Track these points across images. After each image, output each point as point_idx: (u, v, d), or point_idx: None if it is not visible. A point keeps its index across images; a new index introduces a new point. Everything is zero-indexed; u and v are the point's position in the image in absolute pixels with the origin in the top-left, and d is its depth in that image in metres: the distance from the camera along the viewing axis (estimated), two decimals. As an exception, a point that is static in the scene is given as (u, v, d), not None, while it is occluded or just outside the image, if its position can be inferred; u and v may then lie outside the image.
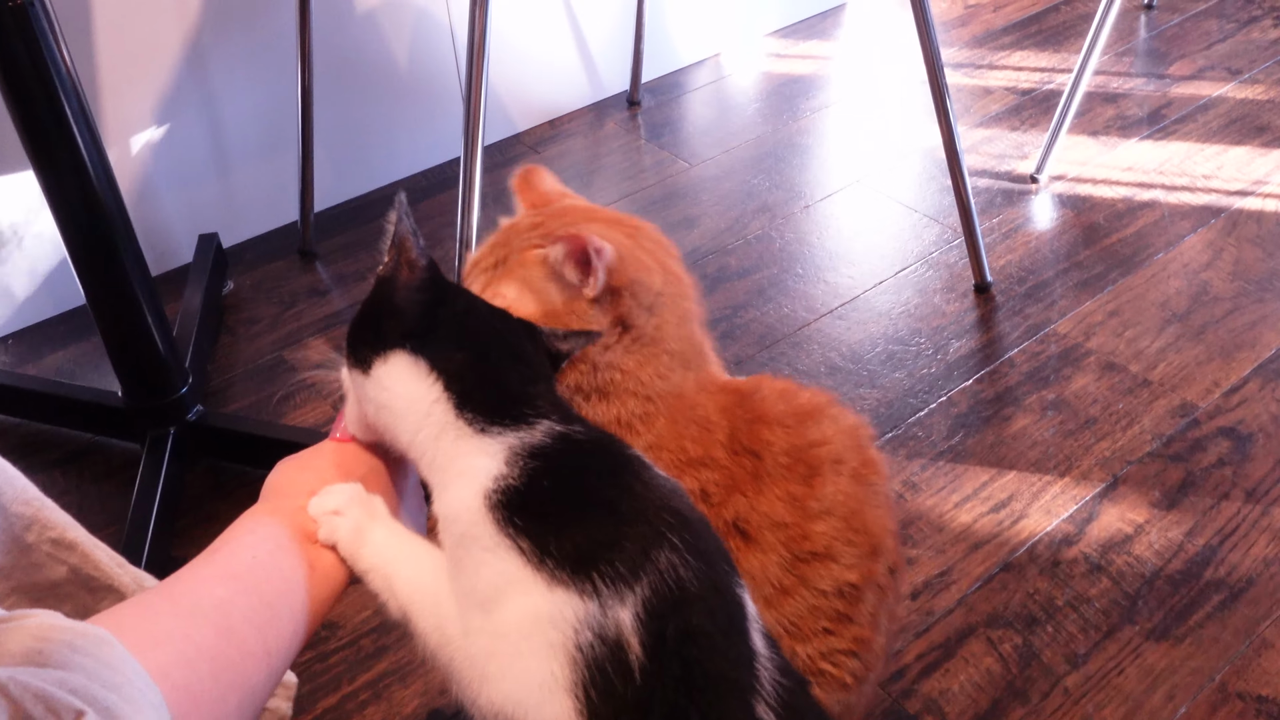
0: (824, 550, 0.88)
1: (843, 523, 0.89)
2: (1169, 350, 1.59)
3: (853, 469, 0.91)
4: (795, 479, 0.89)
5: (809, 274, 1.77)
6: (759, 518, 0.88)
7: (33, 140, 1.19)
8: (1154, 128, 2.08)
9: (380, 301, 0.73)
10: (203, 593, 0.64)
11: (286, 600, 0.68)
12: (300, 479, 0.77)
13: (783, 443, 0.90)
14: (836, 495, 0.89)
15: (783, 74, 2.31)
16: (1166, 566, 1.30)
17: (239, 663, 0.62)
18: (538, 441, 0.67)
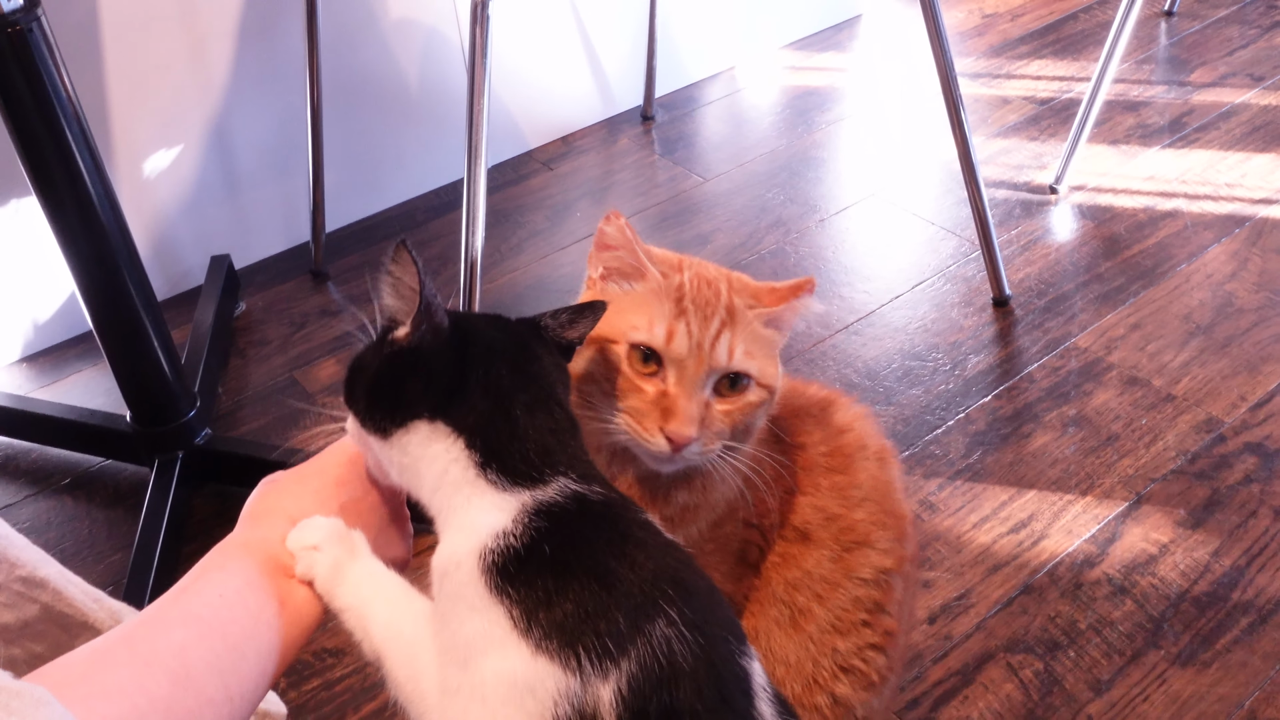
0: (864, 538, 0.88)
1: (877, 507, 0.89)
2: (1193, 364, 1.55)
3: (875, 454, 0.91)
4: (836, 469, 0.89)
5: (824, 289, 1.74)
6: (818, 515, 0.88)
7: (34, 168, 1.19)
8: (1175, 136, 2.04)
9: (401, 370, 0.69)
10: (161, 639, 0.62)
11: (253, 641, 0.65)
12: (280, 505, 0.74)
13: (819, 434, 0.90)
14: (870, 481, 0.89)
15: (797, 87, 2.28)
16: (1193, 588, 1.26)
17: (196, 711, 0.60)
18: (549, 500, 0.65)
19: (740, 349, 0.78)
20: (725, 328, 0.78)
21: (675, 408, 0.76)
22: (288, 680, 1.22)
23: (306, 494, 0.75)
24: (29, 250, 1.66)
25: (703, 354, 0.77)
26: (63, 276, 1.28)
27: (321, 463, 0.79)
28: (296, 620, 0.69)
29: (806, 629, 0.88)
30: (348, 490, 0.77)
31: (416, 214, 1.99)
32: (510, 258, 1.86)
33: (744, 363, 0.78)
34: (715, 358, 0.77)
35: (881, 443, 0.93)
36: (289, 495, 0.75)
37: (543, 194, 2.02)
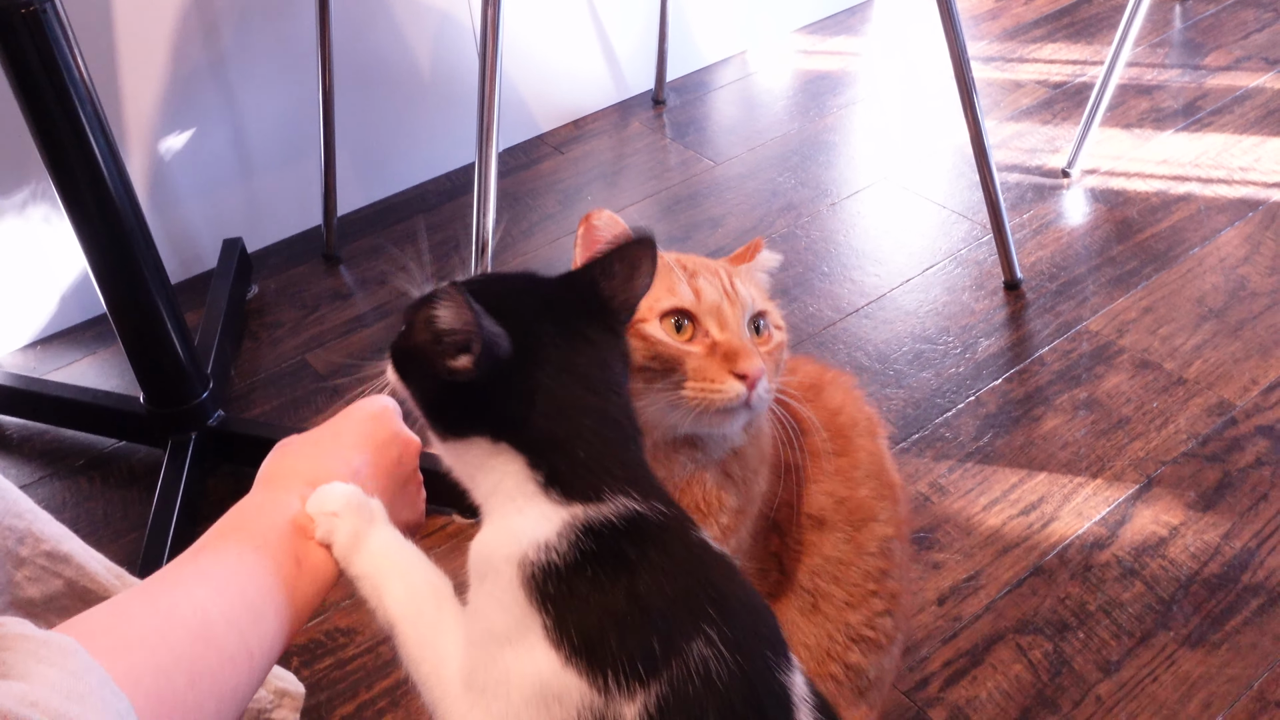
0: (870, 513, 0.89)
1: (876, 481, 0.91)
2: (1205, 347, 1.55)
3: (866, 429, 0.92)
4: (838, 451, 0.90)
5: (835, 272, 1.74)
6: (830, 501, 0.89)
7: (49, 150, 1.19)
8: (1189, 120, 2.03)
9: (462, 396, 0.66)
10: (181, 595, 0.62)
11: (271, 600, 0.66)
12: (296, 468, 0.75)
13: (818, 418, 0.90)
14: (867, 458, 0.91)
15: (809, 71, 2.28)
16: (1203, 570, 1.26)
17: (218, 668, 0.60)
18: (601, 518, 0.63)
19: (754, 291, 0.81)
20: (733, 278, 0.80)
21: (735, 348, 0.76)
22: (300, 659, 1.24)
23: (322, 458, 0.76)
24: (44, 233, 1.67)
25: (732, 297, 0.78)
26: (76, 259, 1.29)
27: (337, 426, 0.79)
28: (313, 580, 0.70)
29: (825, 610, 0.89)
30: (363, 455, 0.77)
31: (428, 197, 1.99)
32: (521, 241, 1.87)
33: (763, 303, 0.81)
34: (743, 299, 0.79)
35: (869, 414, 0.94)
36: (305, 459, 0.76)
37: (554, 178, 2.02)
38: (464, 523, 1.38)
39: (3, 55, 1.13)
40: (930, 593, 1.26)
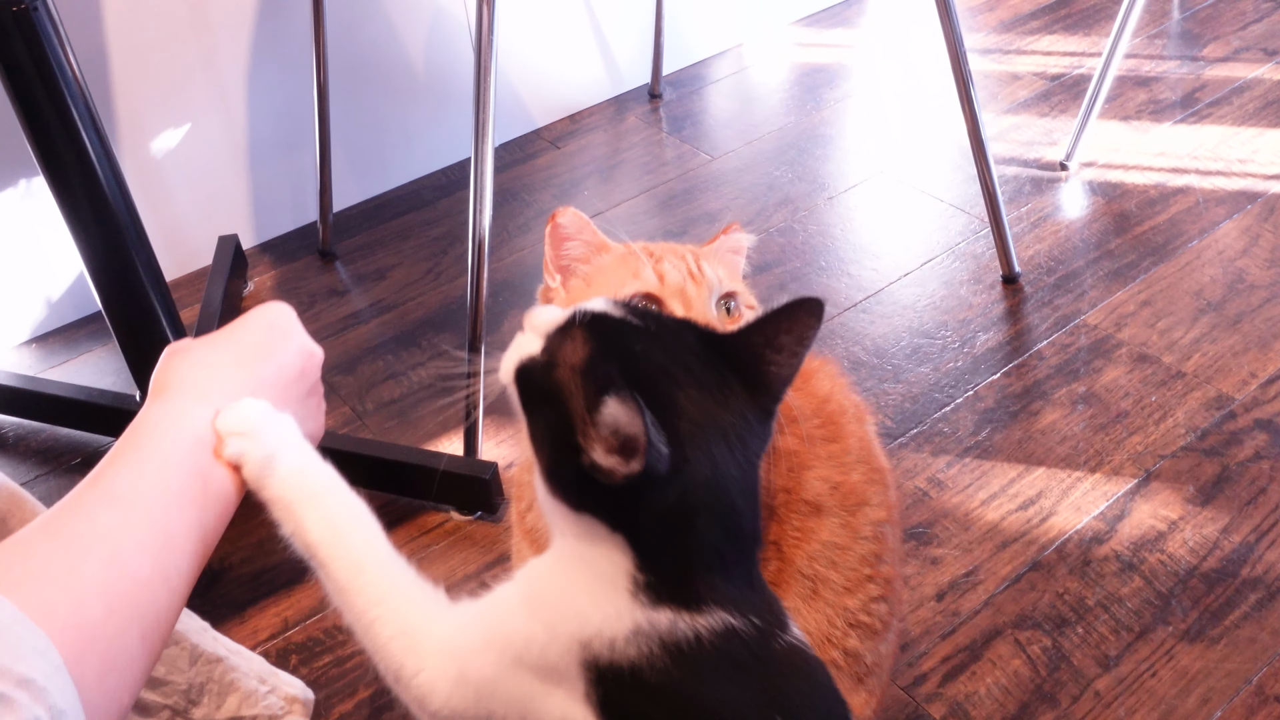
0: (863, 498, 0.90)
1: (867, 466, 0.91)
2: (1203, 341, 1.55)
3: (854, 415, 0.93)
4: (830, 437, 0.91)
5: (832, 267, 1.74)
6: (825, 485, 0.89)
7: (41, 148, 1.18)
8: (1187, 111, 2.03)
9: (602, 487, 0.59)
10: (85, 523, 0.59)
11: (180, 520, 0.63)
12: (191, 377, 0.70)
13: (807, 406, 0.91)
14: (857, 443, 0.91)
15: (805, 64, 2.27)
16: (1201, 565, 1.26)
17: (134, 594, 0.58)
18: (690, 631, 0.59)
19: (722, 272, 0.81)
20: (700, 260, 0.81)
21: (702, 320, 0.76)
22: (299, 657, 1.23)
23: (221, 365, 0.71)
24: (37, 231, 1.67)
25: (697, 278, 0.79)
26: (71, 257, 1.29)
27: (234, 334, 0.74)
28: (219, 499, 0.66)
29: (824, 595, 0.89)
30: (266, 361, 0.73)
31: (424, 193, 1.98)
32: (518, 236, 1.86)
33: (730, 284, 0.81)
34: (709, 280, 0.79)
35: (857, 401, 0.95)
36: (202, 366, 0.70)
37: (550, 173, 2.01)
38: (461, 520, 1.37)
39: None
40: (929, 588, 1.26)
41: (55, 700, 0.48)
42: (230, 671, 1.02)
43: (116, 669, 0.56)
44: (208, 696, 0.99)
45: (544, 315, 0.66)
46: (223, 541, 1.35)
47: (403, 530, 1.37)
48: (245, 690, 1.02)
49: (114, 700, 0.55)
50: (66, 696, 0.50)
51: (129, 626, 0.57)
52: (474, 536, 1.36)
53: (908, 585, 1.25)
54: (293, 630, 1.26)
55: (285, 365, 0.74)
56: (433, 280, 1.78)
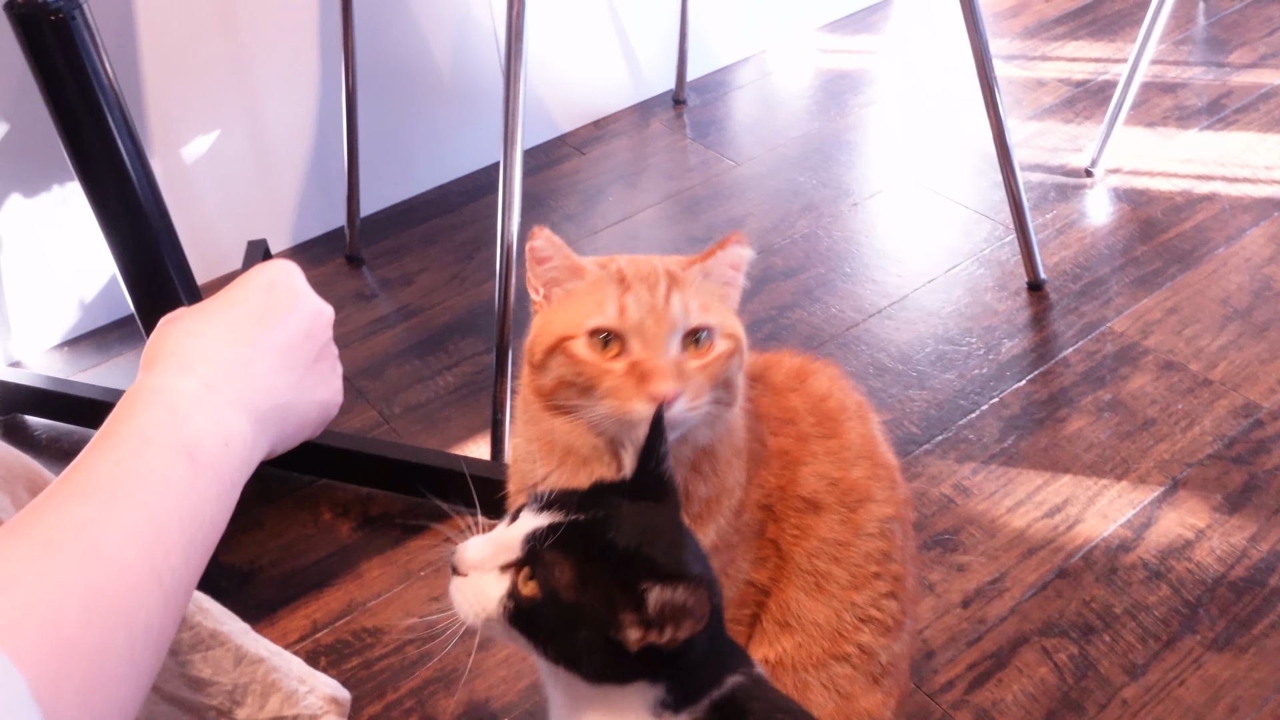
0: (865, 494, 0.90)
1: (870, 462, 0.92)
2: (1230, 348, 1.54)
3: (855, 413, 0.93)
4: (828, 434, 0.91)
5: (857, 273, 1.74)
6: (822, 483, 0.90)
7: (76, 153, 1.20)
8: (1213, 118, 2.02)
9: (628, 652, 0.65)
10: (55, 518, 0.51)
11: (168, 504, 0.54)
12: (181, 348, 0.63)
13: (803, 405, 0.92)
14: (858, 439, 0.92)
15: (830, 70, 2.27)
16: (1229, 573, 1.25)
17: (119, 594, 0.49)
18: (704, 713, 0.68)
19: (694, 304, 0.79)
20: (673, 289, 0.79)
21: (649, 369, 0.76)
22: (327, 659, 1.24)
23: (214, 333, 0.64)
24: (72, 235, 1.68)
25: (658, 315, 0.78)
26: (103, 261, 1.30)
27: (232, 297, 0.67)
28: (215, 477, 0.58)
29: (829, 589, 0.90)
30: (265, 326, 0.66)
31: (450, 198, 2.00)
32: (543, 242, 1.87)
33: (701, 317, 0.79)
34: (672, 316, 0.78)
35: (858, 400, 0.95)
36: (191, 336, 0.63)
37: (575, 178, 2.02)
38: (488, 524, 1.38)
39: (31, 61, 1.14)
40: (954, 595, 1.26)
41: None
42: (273, 672, 1.03)
43: (101, 689, 0.47)
44: (251, 697, 1.00)
45: (474, 552, 0.69)
46: (250, 544, 1.38)
47: (428, 534, 1.38)
48: (286, 691, 1.03)
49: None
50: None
51: (114, 636, 0.49)
52: (500, 540, 1.36)
53: (933, 591, 1.26)
54: (322, 632, 1.27)
55: (290, 330, 0.67)
56: (459, 285, 1.79)
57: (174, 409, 0.58)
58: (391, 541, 1.37)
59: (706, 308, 0.80)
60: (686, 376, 0.77)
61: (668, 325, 0.78)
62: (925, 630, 1.22)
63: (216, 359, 0.62)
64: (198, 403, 0.59)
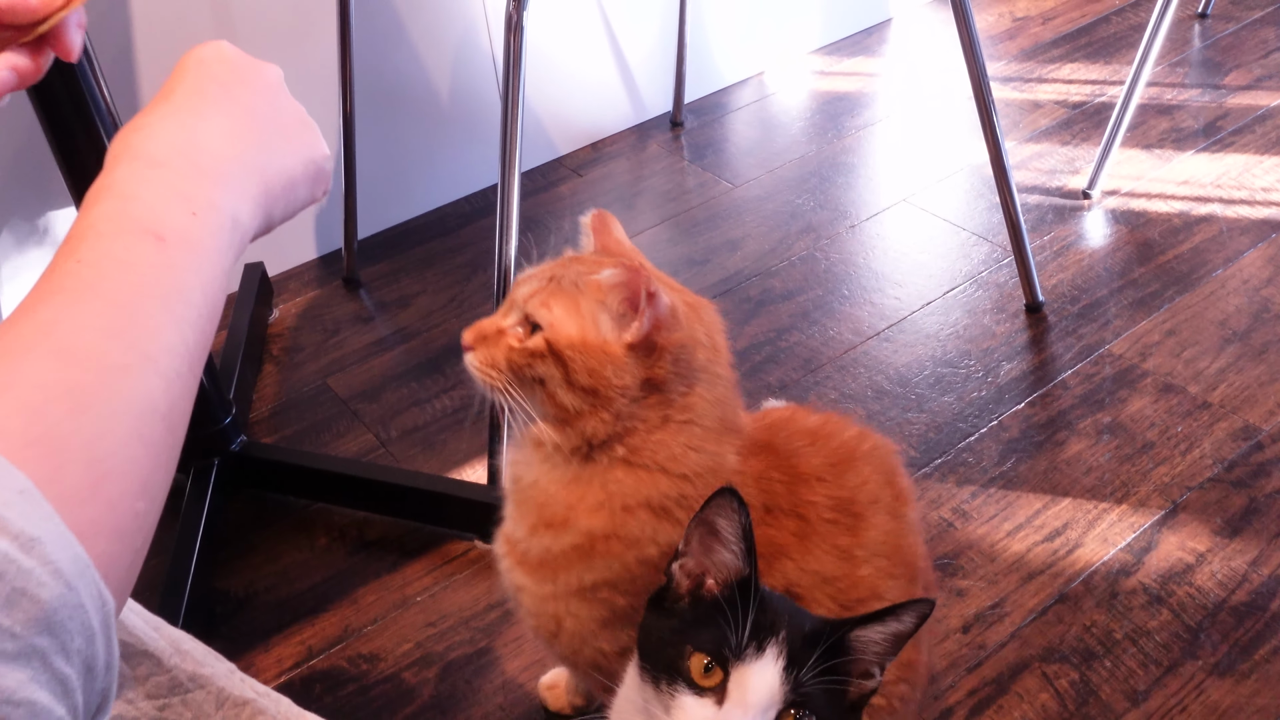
0: (870, 593, 0.88)
1: (886, 561, 0.89)
2: (1229, 371, 1.54)
3: (888, 505, 0.90)
4: (841, 531, 0.88)
5: (855, 295, 1.74)
6: (809, 577, 0.87)
7: (73, 175, 1.20)
8: (1210, 140, 2.02)
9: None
10: (24, 326, 0.48)
11: (142, 288, 0.52)
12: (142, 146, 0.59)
13: (825, 499, 0.89)
14: (879, 537, 0.89)
15: (827, 92, 2.28)
16: (1230, 598, 1.25)
17: (109, 384, 0.47)
18: None
19: (538, 299, 0.84)
20: (549, 286, 0.85)
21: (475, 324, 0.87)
22: (322, 685, 1.23)
23: (158, 119, 0.59)
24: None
25: (513, 297, 0.86)
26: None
27: (170, 84, 0.63)
28: (190, 249, 0.55)
29: None
30: (206, 98, 0.62)
31: (447, 220, 2.00)
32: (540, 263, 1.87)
33: (538, 310, 0.84)
34: (516, 298, 0.86)
35: (897, 490, 0.92)
36: (136, 131, 0.59)
37: (573, 200, 2.02)
38: (485, 548, 1.37)
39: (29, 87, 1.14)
40: (954, 620, 1.25)
41: (21, 526, 0.40)
42: (258, 715, 1.01)
43: (110, 477, 0.46)
44: None
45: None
46: (245, 569, 1.37)
47: (425, 559, 1.37)
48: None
49: (120, 511, 0.46)
50: (37, 520, 0.41)
51: (114, 424, 0.47)
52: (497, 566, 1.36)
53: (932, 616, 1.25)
54: (317, 659, 1.27)
55: (235, 93, 0.63)
56: (456, 308, 1.79)
57: (122, 195, 0.55)
58: (388, 566, 1.37)
59: (549, 307, 0.83)
60: (489, 341, 0.85)
61: (509, 303, 0.86)
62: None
63: (161, 138, 0.58)
64: (145, 182, 0.56)
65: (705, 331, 0.87)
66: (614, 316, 0.82)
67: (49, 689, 0.40)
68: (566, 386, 0.82)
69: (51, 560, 0.41)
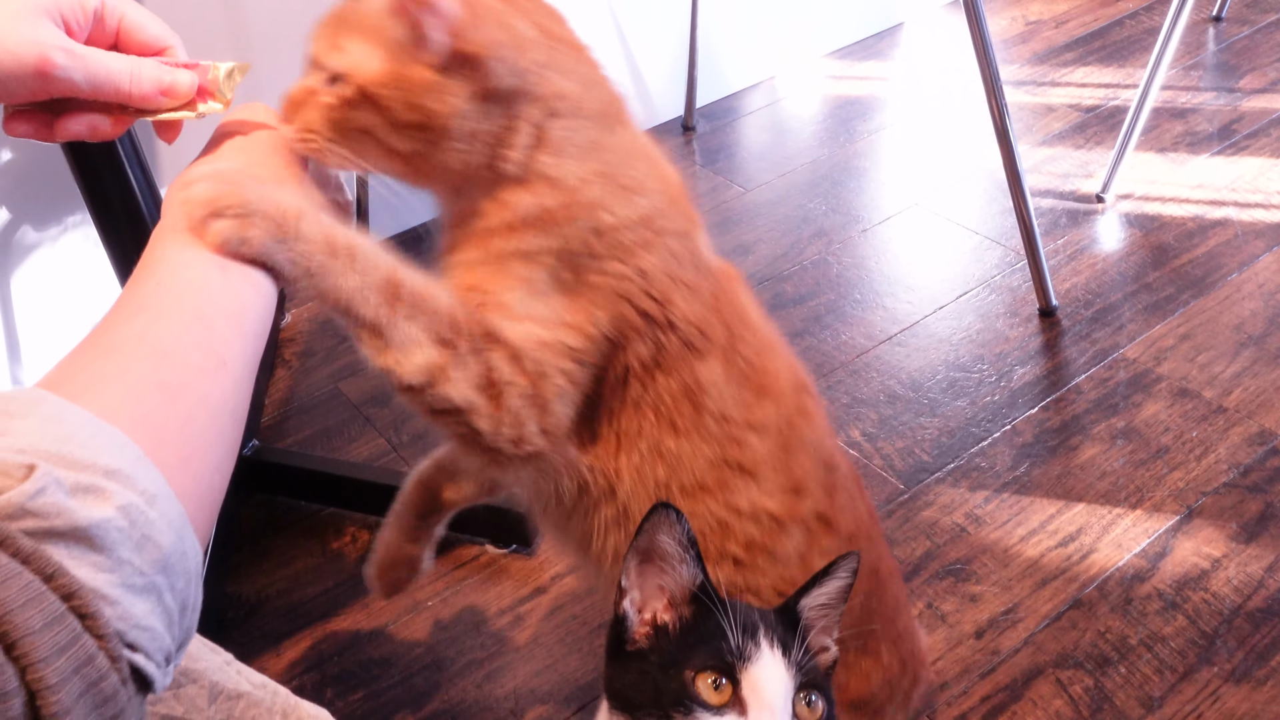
0: (750, 466, 0.82)
1: (777, 449, 0.83)
2: (1244, 375, 1.53)
3: (796, 406, 0.85)
4: (749, 387, 0.83)
5: (867, 299, 1.73)
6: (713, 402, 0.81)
7: (87, 181, 1.21)
8: (1225, 143, 2.01)
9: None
10: (118, 334, 0.59)
11: (213, 306, 0.62)
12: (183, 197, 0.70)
13: (754, 345, 0.84)
14: (772, 422, 0.83)
15: (839, 96, 2.28)
16: (1246, 603, 1.24)
17: (192, 381, 0.58)
18: None
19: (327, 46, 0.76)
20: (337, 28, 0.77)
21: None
22: (333, 690, 1.23)
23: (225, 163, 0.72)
24: (81, 264, 1.69)
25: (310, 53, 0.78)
26: (114, 289, 1.30)
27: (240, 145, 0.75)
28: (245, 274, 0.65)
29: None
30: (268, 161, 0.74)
31: (459, 225, 2.00)
32: (552, 269, 1.87)
33: (331, 57, 0.76)
34: (313, 53, 0.78)
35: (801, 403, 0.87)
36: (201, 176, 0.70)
37: (584, 205, 2.02)
38: (496, 553, 1.37)
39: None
40: (967, 626, 1.24)
41: (145, 485, 0.49)
42: (252, 708, 1.01)
43: (196, 455, 0.56)
44: None
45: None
46: (257, 574, 1.37)
47: (436, 564, 1.37)
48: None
49: (202, 483, 0.56)
50: (155, 481, 0.50)
51: (194, 413, 0.57)
52: (509, 570, 1.36)
53: (945, 621, 1.24)
54: (329, 663, 1.27)
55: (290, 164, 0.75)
56: (468, 312, 1.79)
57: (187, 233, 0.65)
58: (399, 571, 1.37)
59: (340, 48, 0.75)
60: (304, 107, 0.77)
61: (309, 61, 0.79)
62: (938, 662, 1.21)
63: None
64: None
65: (532, 22, 0.78)
66: (408, 40, 0.73)
67: (161, 620, 0.48)
68: (393, 129, 0.75)
69: (166, 513, 0.50)
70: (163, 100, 0.75)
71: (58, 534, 0.45)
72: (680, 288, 0.80)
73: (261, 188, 0.69)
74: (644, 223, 0.79)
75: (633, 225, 0.78)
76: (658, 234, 0.79)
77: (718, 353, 0.81)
